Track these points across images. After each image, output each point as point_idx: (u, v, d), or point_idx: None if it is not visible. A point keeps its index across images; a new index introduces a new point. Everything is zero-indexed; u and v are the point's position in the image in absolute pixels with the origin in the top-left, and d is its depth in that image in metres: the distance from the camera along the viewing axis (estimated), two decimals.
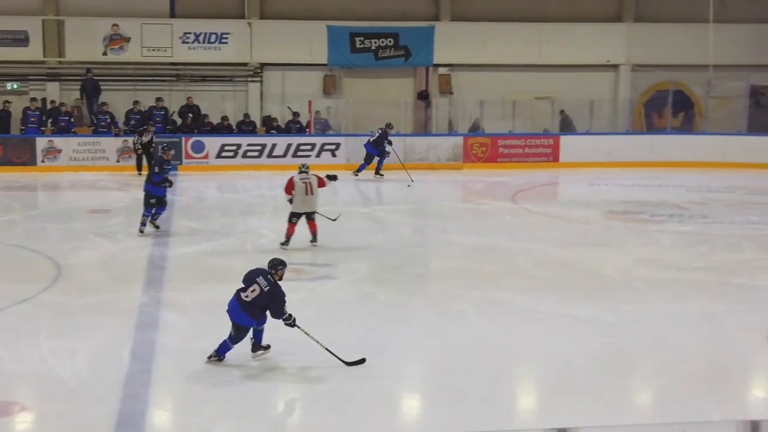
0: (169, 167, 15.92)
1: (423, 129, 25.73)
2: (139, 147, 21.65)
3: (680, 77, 26.38)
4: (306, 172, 14.86)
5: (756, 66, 26.64)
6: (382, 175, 21.87)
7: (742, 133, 24.98)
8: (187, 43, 25.11)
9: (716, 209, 18.57)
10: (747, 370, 10.10)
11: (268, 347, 9.74)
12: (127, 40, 24.96)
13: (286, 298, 9.39)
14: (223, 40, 25.23)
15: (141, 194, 15.77)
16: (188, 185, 20.98)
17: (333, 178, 15.25)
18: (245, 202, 19.64)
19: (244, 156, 23.18)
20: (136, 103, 23.87)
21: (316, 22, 25.35)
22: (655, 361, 10.00)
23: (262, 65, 25.65)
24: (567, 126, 25.76)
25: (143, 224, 15.56)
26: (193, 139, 23.12)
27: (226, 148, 23.19)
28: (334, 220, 15.87)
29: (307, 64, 25.62)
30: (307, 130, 24.41)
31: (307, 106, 24.55)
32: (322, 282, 13.16)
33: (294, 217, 14.79)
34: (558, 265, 14.09)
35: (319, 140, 23.56)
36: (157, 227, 15.83)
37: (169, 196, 16.32)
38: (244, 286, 9.38)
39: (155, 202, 15.58)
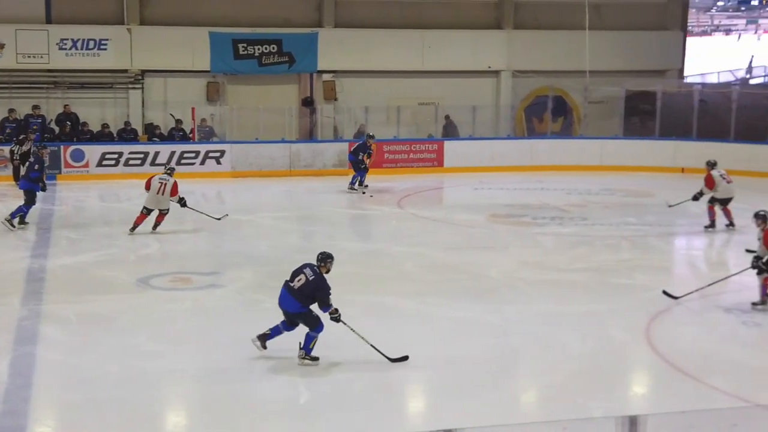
0: (45, 168, 15.95)
1: (308, 135, 25.67)
2: (17, 157, 20.84)
3: (559, 83, 27.00)
4: (169, 174, 16.34)
5: (631, 72, 27.49)
6: (355, 189, 21.29)
7: (619, 137, 25.68)
8: (65, 49, 24.45)
9: (595, 211, 19.06)
10: (627, 368, 10.42)
11: (316, 359, 9.76)
12: (2, 46, 24.17)
13: (330, 291, 9.81)
14: (102, 47, 24.66)
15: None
16: (68, 194, 20.44)
17: (182, 202, 16.49)
18: (128, 212, 19.13)
19: (126, 164, 22.70)
20: (11, 111, 23.11)
21: (198, 29, 25.02)
22: (539, 361, 10.20)
23: (143, 72, 25.17)
24: (451, 131, 26.07)
25: (13, 216, 15.87)
26: (72, 147, 22.53)
27: (107, 156, 22.67)
28: (219, 219, 16.41)
29: (190, 70, 25.28)
30: (191, 137, 24.07)
31: (190, 114, 24.21)
32: (208, 291, 12.97)
33: (145, 209, 16.24)
34: (444, 268, 14.26)
35: (203, 147, 23.27)
36: (21, 225, 15.60)
37: (48, 206, 15.95)
38: (291, 276, 9.78)
39: (28, 199, 15.58)
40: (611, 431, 5.84)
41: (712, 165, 17.11)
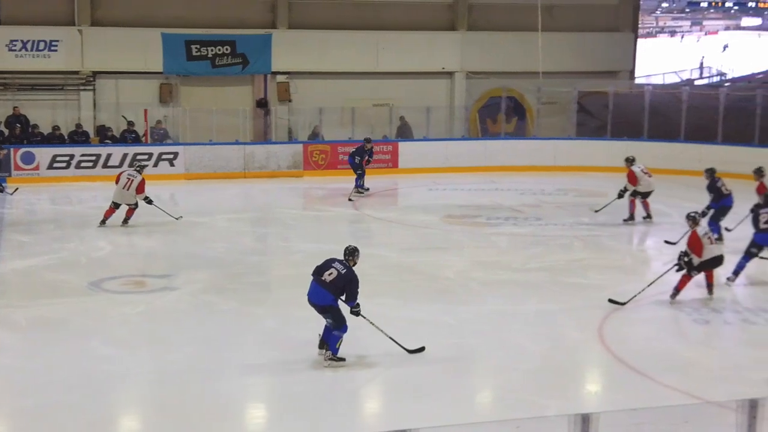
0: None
1: (262, 137, 25.56)
2: None
3: (512, 84, 27.16)
4: (138, 172, 16.88)
5: (583, 73, 27.74)
6: (362, 192, 20.94)
7: (572, 138, 25.90)
8: (14, 50, 24.13)
9: (549, 211, 19.20)
10: (580, 367, 10.53)
11: (342, 359, 9.83)
12: None
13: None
14: (53, 48, 24.38)
15: None
16: (18, 197, 20.16)
17: (147, 200, 16.98)
18: (80, 214, 19.01)
19: (78, 167, 22.44)
20: None
21: (151, 30, 24.81)
22: (493, 361, 10.28)
23: (95, 73, 24.91)
24: (405, 132, 26.12)
25: None
26: (23, 150, 22.25)
27: (58, 159, 22.40)
28: (177, 218, 16.98)
29: (142, 72, 25.06)
30: (144, 139, 23.87)
31: (143, 115, 24.01)
32: (161, 294, 12.88)
33: (113, 203, 16.81)
34: (399, 269, 14.30)
35: (156, 149, 23.07)
36: None
37: None
38: (318, 271, 9.99)
39: None
40: (564, 429, 5.90)
41: (631, 161, 17.71)
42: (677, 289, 12.30)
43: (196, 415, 8.64)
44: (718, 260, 12.41)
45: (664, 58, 28.95)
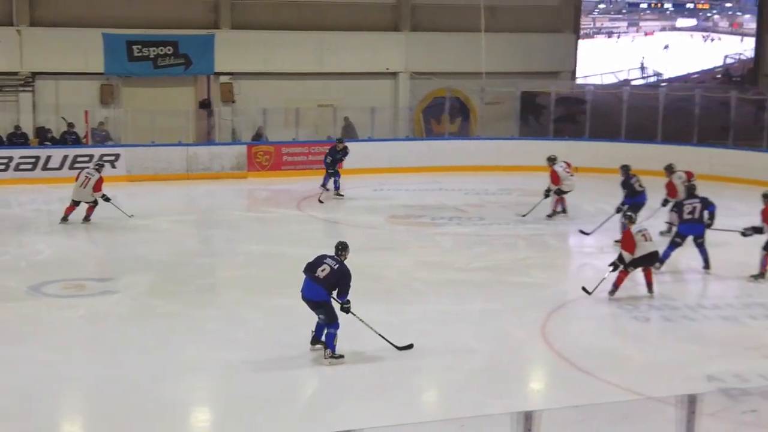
0: None
1: (206, 138, 25.36)
2: None
3: (456, 84, 27.29)
4: (97, 170, 17.20)
5: (526, 73, 27.97)
6: (341, 194, 20.86)
7: (515, 138, 26.09)
8: None
9: (493, 211, 19.31)
10: (524, 365, 10.63)
11: (341, 357, 9.98)
12: None
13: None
14: None
15: None
16: None
17: (105, 197, 17.16)
18: (19, 218, 18.71)
19: (17, 169, 22.06)
20: None
21: (91, 30, 24.45)
22: (438, 360, 10.31)
23: (34, 74, 24.50)
24: (349, 133, 26.10)
25: None
26: None
27: None
28: (130, 216, 17.35)
29: (83, 73, 24.70)
30: (84, 140, 23.55)
31: (83, 117, 23.68)
32: (103, 297, 12.71)
33: (72, 201, 16.99)
34: None
35: (97, 151, 22.72)
36: None
37: None
38: (311, 267, 10.12)
39: None
40: (507, 427, 5.94)
41: (553, 160, 18.23)
42: (615, 286, 12.48)
43: (138, 419, 8.55)
44: (652, 257, 12.62)
45: (601, 59, 29.33)
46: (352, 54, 26.93)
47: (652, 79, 29.72)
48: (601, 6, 29.96)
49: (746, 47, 29.21)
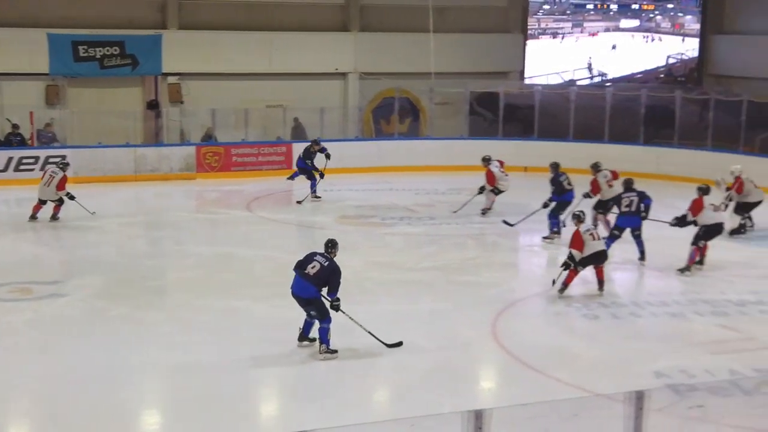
0: None
1: (154, 139, 25.11)
2: None
3: (405, 84, 27.34)
4: (61, 169, 17.41)
5: (475, 73, 28.11)
6: (318, 198, 20.52)
7: (464, 138, 26.21)
8: None
9: (443, 211, 19.38)
10: (475, 364, 10.71)
11: (335, 352, 10.13)
12: None
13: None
14: None
15: None
16: None
17: (69, 196, 17.31)
18: None
19: None
20: None
21: (36, 30, 24.08)
22: (389, 360, 10.35)
23: None
24: (299, 133, 26.05)
25: None
26: None
27: None
28: (93, 213, 17.51)
29: (28, 73, 24.33)
30: (30, 142, 23.22)
31: (28, 118, 23.34)
32: (50, 300, 12.55)
33: (39, 199, 17.16)
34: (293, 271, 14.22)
35: (42, 153, 22.43)
36: None
37: None
38: (301, 265, 10.31)
39: None
40: (458, 426, 5.99)
41: (487, 161, 18.68)
42: (565, 284, 12.64)
43: (87, 422, 8.48)
44: (600, 255, 12.79)
45: (546, 59, 29.67)
46: (301, 54, 26.86)
47: (597, 80, 30.10)
48: (546, 7, 30.28)
49: (688, 47, 29.75)
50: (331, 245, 10.60)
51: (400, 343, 10.56)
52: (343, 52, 27.65)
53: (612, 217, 15.74)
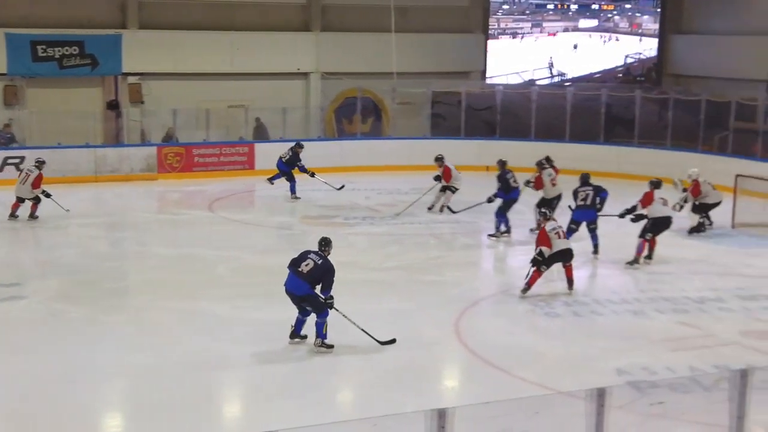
0: None
1: (114, 140, 24.88)
2: None
3: (367, 84, 27.34)
4: (37, 167, 17.56)
5: (436, 73, 28.19)
6: (298, 197, 20.59)
7: (427, 137, 26.26)
8: None
9: (405, 210, 19.39)
10: (438, 363, 10.75)
11: (331, 346, 10.28)
12: None
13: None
14: None
15: None
16: None
17: (45, 194, 17.44)
18: None
19: None
20: None
21: None
22: (352, 360, 10.37)
23: None
24: (261, 133, 25.97)
25: None
26: None
27: None
28: (67, 210, 17.67)
29: None
30: None
31: None
32: (9, 303, 12.42)
33: (16, 198, 17.33)
34: (256, 271, 14.22)
35: (1, 154, 22.18)
36: None
37: None
38: (295, 263, 10.39)
39: None
40: (421, 425, 6.00)
41: (441, 160, 19.09)
42: (528, 285, 12.71)
43: (48, 424, 8.41)
44: (566, 253, 12.89)
45: (506, 59, 29.87)
46: (262, 54, 26.78)
47: (557, 79, 30.33)
48: (505, 7, 30.47)
49: (645, 47, 30.06)
50: (325, 243, 10.68)
51: (393, 341, 10.64)
52: (304, 52, 27.60)
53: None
